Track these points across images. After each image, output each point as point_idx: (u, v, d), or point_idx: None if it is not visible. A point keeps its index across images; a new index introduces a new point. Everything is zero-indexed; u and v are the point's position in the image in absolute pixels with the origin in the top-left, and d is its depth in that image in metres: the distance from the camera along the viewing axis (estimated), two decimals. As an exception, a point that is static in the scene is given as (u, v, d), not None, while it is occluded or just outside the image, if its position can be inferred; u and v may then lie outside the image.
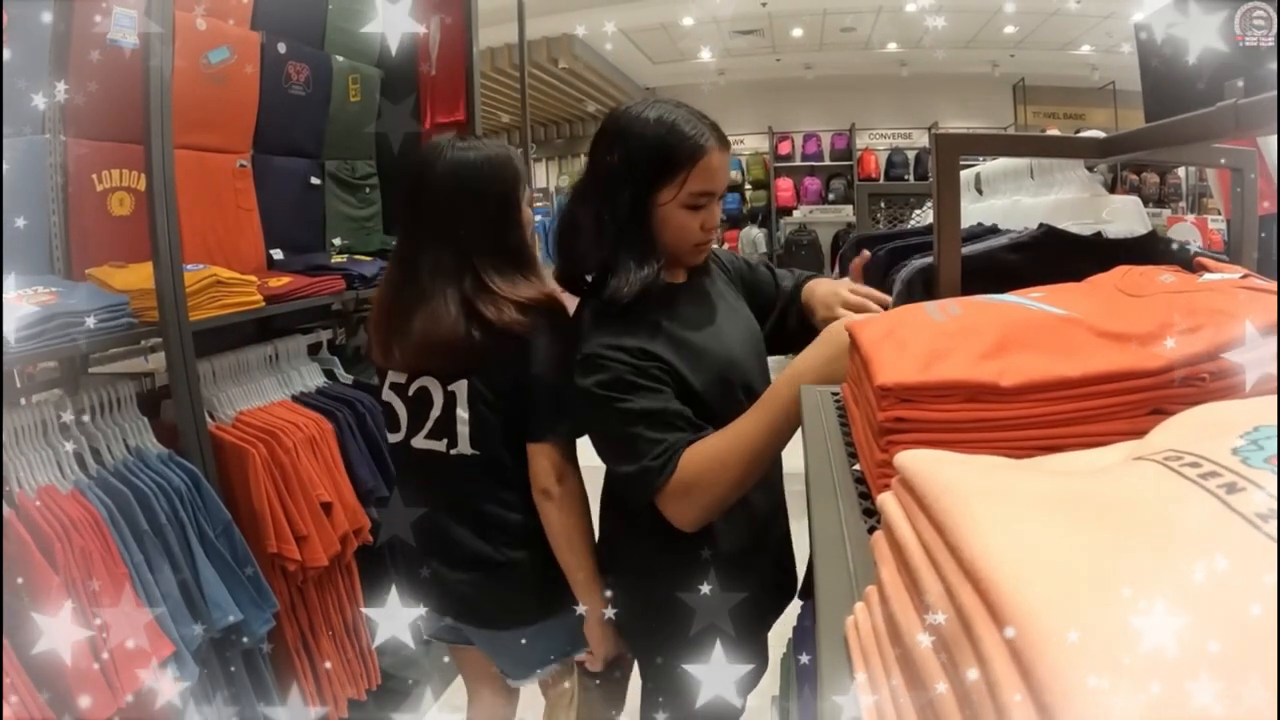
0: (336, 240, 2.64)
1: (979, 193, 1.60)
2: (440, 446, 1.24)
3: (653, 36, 7.25)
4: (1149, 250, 1.06)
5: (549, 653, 1.33)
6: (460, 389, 1.22)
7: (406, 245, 1.29)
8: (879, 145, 8.79)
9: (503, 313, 1.17)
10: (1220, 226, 2.40)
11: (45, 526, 1.31)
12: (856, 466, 0.63)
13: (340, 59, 2.55)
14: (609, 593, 1.20)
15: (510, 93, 6.93)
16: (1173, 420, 0.35)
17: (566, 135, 9.81)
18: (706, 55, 7.97)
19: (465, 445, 1.23)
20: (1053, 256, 1.08)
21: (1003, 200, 1.47)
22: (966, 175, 1.60)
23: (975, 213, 1.45)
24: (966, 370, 0.54)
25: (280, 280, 2.01)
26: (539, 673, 1.36)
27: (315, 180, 2.57)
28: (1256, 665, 0.20)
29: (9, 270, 1.16)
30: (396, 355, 1.25)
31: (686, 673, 0.75)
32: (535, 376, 1.18)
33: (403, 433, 1.29)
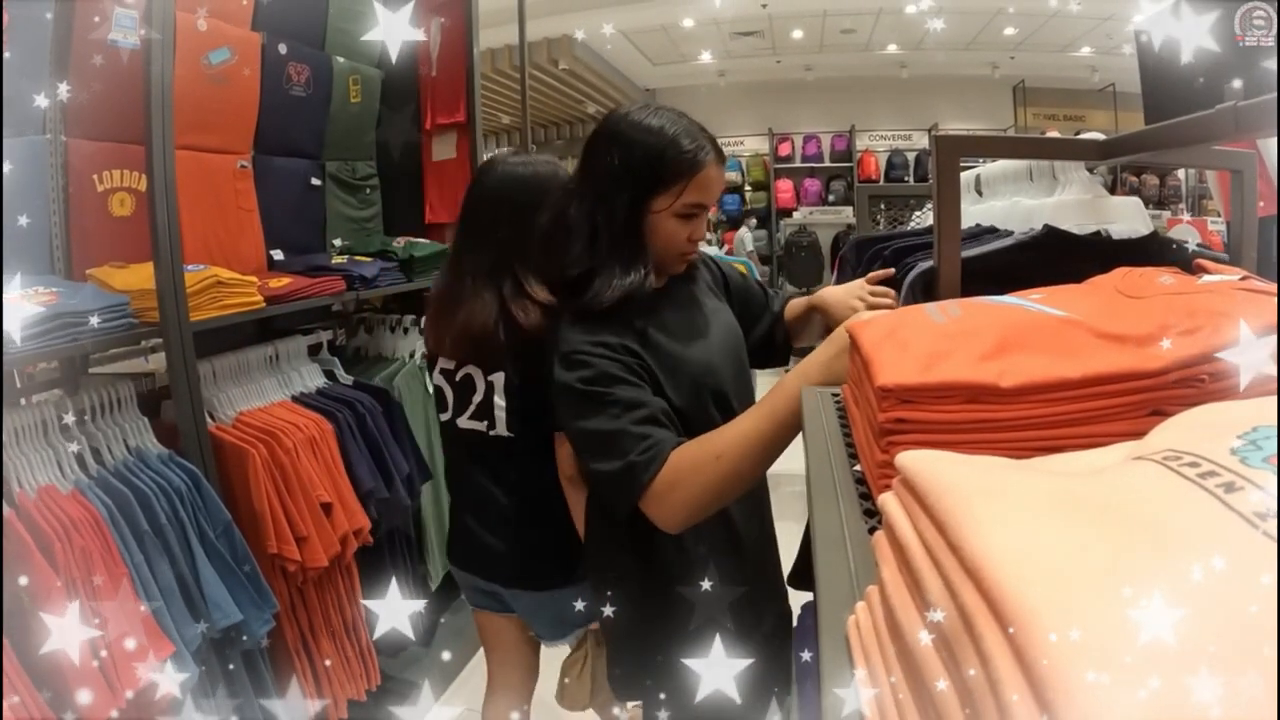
0: (337, 241, 2.64)
1: (979, 194, 1.60)
2: (481, 427, 1.37)
3: (653, 38, 7.25)
4: (1150, 251, 1.06)
5: (582, 614, 1.43)
6: (498, 379, 1.34)
7: (459, 244, 1.41)
8: (879, 147, 8.80)
9: (529, 315, 1.25)
10: (1220, 228, 2.40)
11: (45, 526, 1.31)
12: (857, 467, 0.63)
13: (341, 60, 2.55)
14: (608, 595, 1.20)
15: (510, 94, 6.93)
16: (1172, 421, 0.35)
17: (567, 136, 9.81)
18: (707, 57, 7.97)
19: (502, 428, 1.35)
20: (1054, 257, 1.08)
21: (1002, 202, 1.46)
22: (966, 177, 1.60)
23: (975, 214, 1.45)
24: (967, 371, 0.54)
25: (280, 281, 2.01)
26: (574, 634, 1.47)
27: (316, 181, 2.57)
28: (1255, 663, 0.20)
29: (13, 270, 1.16)
30: (446, 344, 1.38)
31: (686, 671, 0.75)
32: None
33: (450, 413, 1.42)
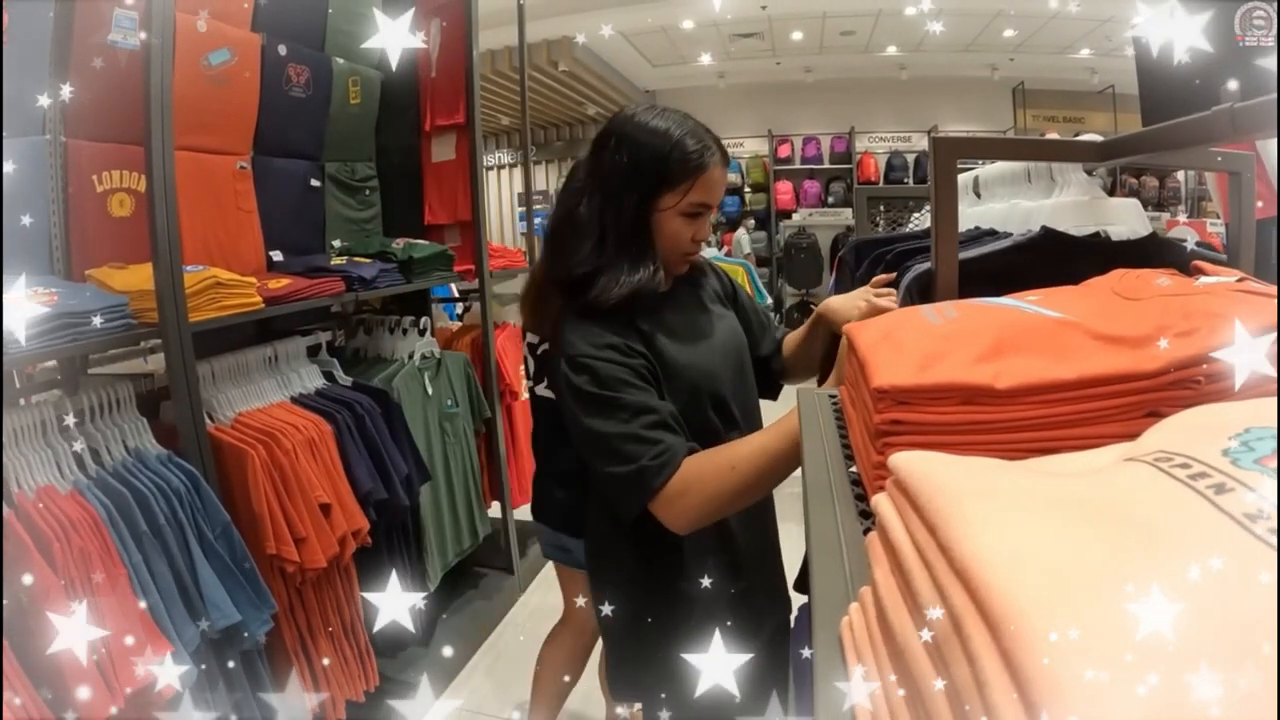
0: (336, 242, 2.64)
1: (977, 196, 1.60)
2: (551, 394, 1.52)
3: (653, 39, 7.25)
4: (1149, 252, 1.06)
5: None
6: None
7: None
8: (878, 149, 8.80)
9: None
10: (1219, 230, 2.40)
11: (44, 526, 1.31)
12: (853, 469, 0.63)
13: (341, 61, 2.55)
14: (607, 595, 1.20)
15: (510, 95, 6.93)
16: (1165, 422, 0.35)
17: (566, 138, 9.81)
18: (707, 59, 7.97)
19: None
20: (1051, 259, 1.07)
21: (1001, 204, 1.46)
22: (965, 178, 1.60)
23: (973, 216, 1.45)
24: (962, 373, 0.54)
25: (280, 282, 2.01)
26: None
27: (315, 182, 2.57)
28: (1246, 663, 0.20)
29: (15, 271, 1.16)
30: (528, 320, 1.48)
31: (686, 666, 0.75)
32: None
33: (532, 382, 1.68)
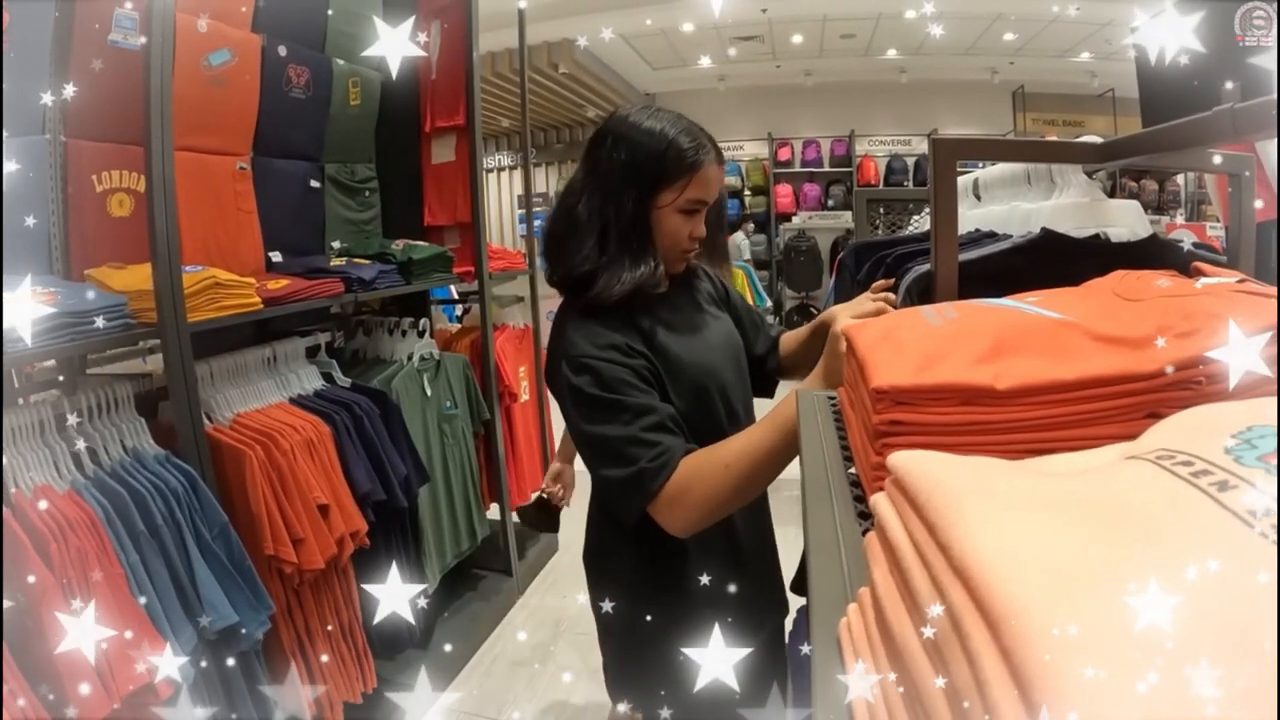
0: (336, 243, 2.64)
1: (977, 199, 1.60)
2: None
3: (653, 42, 7.26)
4: (1148, 254, 1.06)
5: None
6: None
7: None
8: (878, 152, 8.80)
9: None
10: (1218, 233, 2.40)
11: (41, 526, 1.31)
12: (852, 470, 0.63)
13: (341, 62, 2.55)
14: (606, 596, 1.20)
15: (510, 97, 6.93)
16: (1165, 422, 0.35)
17: (566, 140, 9.81)
18: (707, 61, 7.98)
19: None
20: (1051, 260, 1.07)
21: (1001, 206, 1.46)
22: (964, 181, 1.60)
23: (973, 219, 1.45)
24: (962, 373, 0.53)
25: (279, 283, 2.01)
26: None
27: (315, 183, 2.57)
28: (1248, 661, 0.20)
29: (14, 270, 1.16)
30: None
31: (686, 665, 0.74)
32: None
33: None
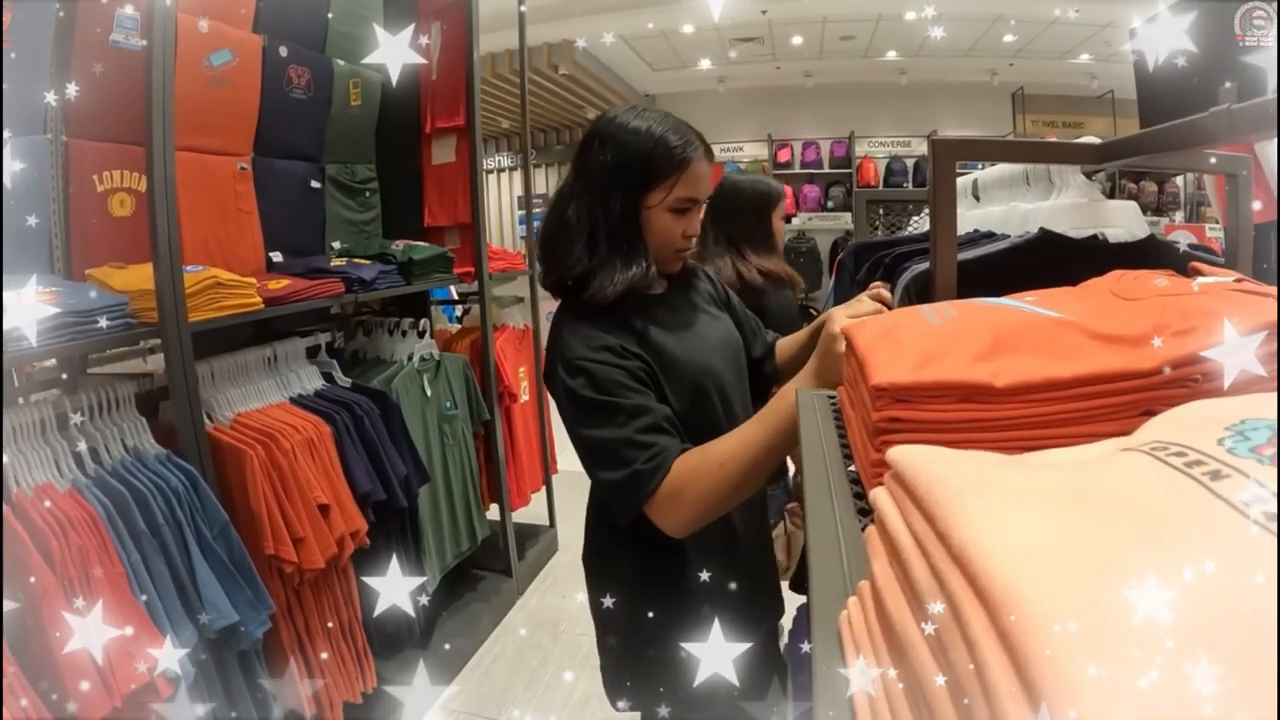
0: (336, 244, 2.64)
1: (976, 199, 1.60)
2: None
3: (653, 44, 7.26)
4: (1147, 254, 1.06)
5: (777, 497, 1.68)
6: None
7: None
8: (878, 153, 8.80)
9: (745, 275, 2.01)
10: (1217, 234, 2.41)
11: (42, 525, 1.31)
12: (852, 468, 0.63)
13: (341, 63, 2.56)
14: (605, 596, 1.20)
15: (510, 98, 6.93)
16: (1160, 417, 0.35)
17: (566, 141, 9.79)
18: (706, 63, 7.98)
19: None
20: (1049, 260, 1.08)
21: (999, 207, 1.47)
22: (964, 182, 1.60)
23: (972, 219, 1.45)
24: (961, 371, 0.54)
25: (279, 283, 2.01)
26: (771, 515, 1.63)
27: (315, 184, 2.57)
28: (1245, 648, 0.20)
29: (14, 270, 1.16)
30: None
31: (686, 662, 0.75)
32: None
33: None
